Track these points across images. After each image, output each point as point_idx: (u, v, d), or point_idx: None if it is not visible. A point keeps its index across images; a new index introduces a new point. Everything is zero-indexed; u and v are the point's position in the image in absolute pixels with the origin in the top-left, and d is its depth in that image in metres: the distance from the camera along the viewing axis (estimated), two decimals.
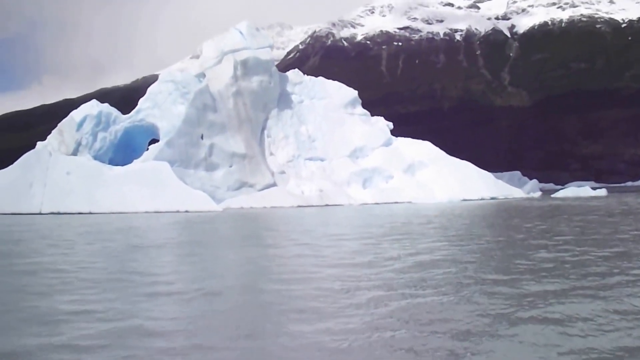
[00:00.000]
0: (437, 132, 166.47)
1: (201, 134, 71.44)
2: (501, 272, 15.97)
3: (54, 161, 64.20)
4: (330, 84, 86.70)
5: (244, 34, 79.84)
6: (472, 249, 21.95)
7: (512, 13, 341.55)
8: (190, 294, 13.77)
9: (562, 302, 11.83)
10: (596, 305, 11.57)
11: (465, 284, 14.20)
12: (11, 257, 22.80)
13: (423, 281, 14.75)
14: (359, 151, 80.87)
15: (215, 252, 23.62)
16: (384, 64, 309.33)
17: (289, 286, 14.34)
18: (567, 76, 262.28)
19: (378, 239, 27.00)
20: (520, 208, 56.02)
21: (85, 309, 12.22)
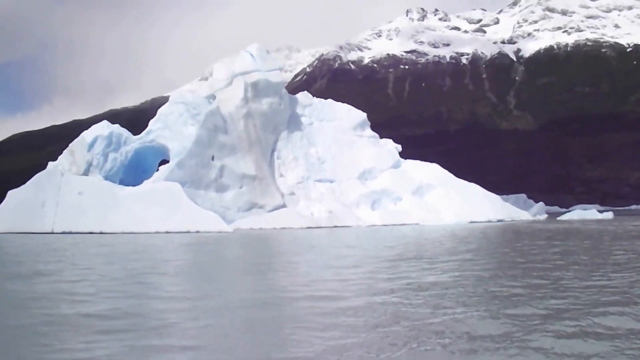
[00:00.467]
0: (443, 154, 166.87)
1: (212, 155, 71.99)
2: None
3: (66, 181, 64.81)
4: (340, 106, 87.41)
5: (255, 56, 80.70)
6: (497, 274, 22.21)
7: (518, 37, 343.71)
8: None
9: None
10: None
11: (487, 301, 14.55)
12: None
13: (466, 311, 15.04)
14: (367, 173, 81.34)
15: (243, 278, 23.26)
16: (391, 87, 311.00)
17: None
18: (572, 100, 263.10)
19: (398, 261, 27.32)
20: (529, 230, 56.25)
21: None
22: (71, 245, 41.97)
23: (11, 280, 21.66)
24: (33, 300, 16.58)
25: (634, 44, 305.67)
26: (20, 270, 25.05)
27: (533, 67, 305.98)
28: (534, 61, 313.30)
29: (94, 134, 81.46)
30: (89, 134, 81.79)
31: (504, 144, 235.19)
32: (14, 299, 16.89)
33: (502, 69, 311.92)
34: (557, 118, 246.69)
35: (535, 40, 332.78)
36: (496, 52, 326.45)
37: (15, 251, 37.93)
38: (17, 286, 19.64)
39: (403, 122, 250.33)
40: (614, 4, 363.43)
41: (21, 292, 18.16)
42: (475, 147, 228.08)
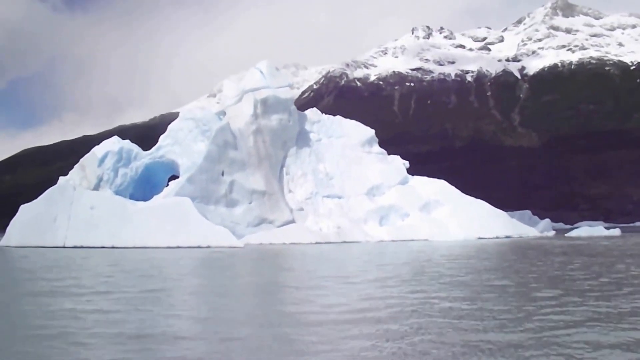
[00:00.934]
0: (448, 171, 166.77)
1: (222, 170, 72.54)
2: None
3: (78, 196, 65.25)
4: (348, 122, 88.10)
5: (264, 73, 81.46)
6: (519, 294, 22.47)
7: (523, 55, 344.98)
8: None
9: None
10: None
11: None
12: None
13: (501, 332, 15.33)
14: (375, 189, 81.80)
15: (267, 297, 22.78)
16: (397, 104, 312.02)
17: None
18: (576, 117, 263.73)
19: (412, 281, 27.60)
20: (541, 247, 56.52)
21: None
22: (85, 259, 42.43)
23: (52, 298, 21.99)
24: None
25: (637, 62, 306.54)
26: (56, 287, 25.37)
27: (537, 85, 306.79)
28: (538, 79, 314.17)
29: (104, 149, 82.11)
30: (100, 149, 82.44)
31: (509, 161, 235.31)
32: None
33: (506, 86, 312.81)
34: (561, 135, 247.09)
35: (540, 58, 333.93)
36: (501, 70, 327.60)
37: (42, 265, 38.35)
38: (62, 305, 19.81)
39: (408, 139, 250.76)
40: (618, 23, 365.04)
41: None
42: (480, 164, 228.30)
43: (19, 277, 29.08)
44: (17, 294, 21.87)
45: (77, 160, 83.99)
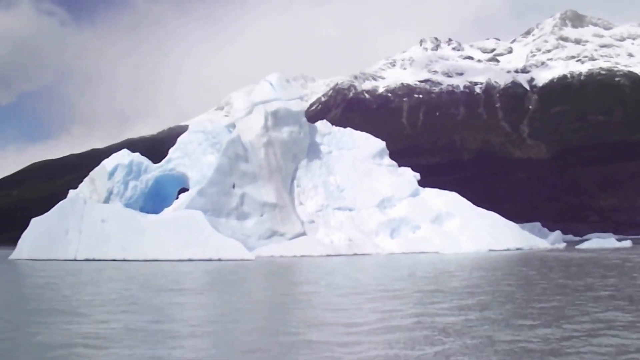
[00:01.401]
0: (456, 183, 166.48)
1: (233, 183, 72.45)
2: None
3: (89, 209, 65.36)
4: (358, 134, 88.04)
5: (274, 85, 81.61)
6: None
7: (532, 66, 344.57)
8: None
9: None
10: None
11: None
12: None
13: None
14: (386, 201, 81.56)
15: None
16: (405, 116, 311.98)
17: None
18: (586, 128, 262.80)
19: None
20: (556, 260, 56.12)
21: None
22: (99, 273, 42.31)
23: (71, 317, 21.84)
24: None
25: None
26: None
27: (546, 96, 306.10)
28: (547, 90, 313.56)
29: (114, 162, 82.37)
30: (110, 162, 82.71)
31: (517, 173, 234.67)
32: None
33: (515, 98, 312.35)
34: (571, 147, 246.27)
35: (549, 70, 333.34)
36: (510, 81, 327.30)
37: (68, 281, 38.22)
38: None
39: (417, 151, 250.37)
40: (628, 33, 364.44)
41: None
42: (489, 176, 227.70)
43: (46, 294, 28.85)
44: (54, 311, 21.71)
45: (86, 173, 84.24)
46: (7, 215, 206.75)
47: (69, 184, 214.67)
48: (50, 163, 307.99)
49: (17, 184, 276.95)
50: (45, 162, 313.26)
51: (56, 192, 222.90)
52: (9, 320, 18.98)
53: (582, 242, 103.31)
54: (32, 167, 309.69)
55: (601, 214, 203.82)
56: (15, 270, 48.91)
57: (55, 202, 70.76)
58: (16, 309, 22.08)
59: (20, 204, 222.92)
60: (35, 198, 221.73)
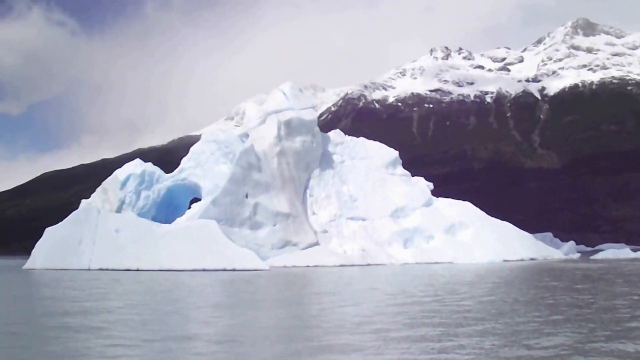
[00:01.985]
0: (467, 193, 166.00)
1: (246, 193, 72.20)
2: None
3: (103, 218, 65.29)
4: (371, 144, 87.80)
5: (287, 94, 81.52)
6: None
7: (543, 75, 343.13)
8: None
9: None
10: None
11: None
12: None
13: None
14: (399, 211, 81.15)
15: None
16: (415, 126, 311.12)
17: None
18: (598, 138, 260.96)
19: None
20: (576, 271, 55.60)
21: None
22: (118, 283, 42.15)
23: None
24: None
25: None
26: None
27: (558, 105, 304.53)
28: (558, 99, 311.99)
29: (126, 172, 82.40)
30: (122, 172, 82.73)
31: (529, 183, 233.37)
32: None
33: (526, 107, 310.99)
34: (582, 156, 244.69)
35: (560, 79, 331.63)
36: (520, 91, 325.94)
37: (87, 292, 38.03)
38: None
39: (427, 161, 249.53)
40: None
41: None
42: (500, 186, 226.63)
43: (69, 306, 28.69)
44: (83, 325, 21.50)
45: (97, 183, 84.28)
46: (18, 225, 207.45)
47: (79, 193, 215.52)
48: (61, 173, 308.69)
49: (28, 194, 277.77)
50: (56, 172, 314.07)
51: (67, 202, 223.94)
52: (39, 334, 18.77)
53: (594, 252, 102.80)
54: (42, 177, 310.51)
55: (613, 224, 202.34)
56: (32, 280, 48.83)
57: (67, 211, 70.78)
58: (38, 322, 21.90)
59: (32, 213, 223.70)
60: (46, 208, 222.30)
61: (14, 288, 39.87)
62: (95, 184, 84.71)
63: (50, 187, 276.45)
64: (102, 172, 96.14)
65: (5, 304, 28.29)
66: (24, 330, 19.20)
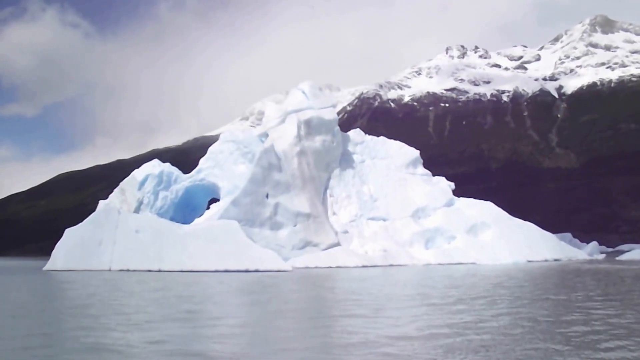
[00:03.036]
0: (484, 193, 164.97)
1: (266, 193, 71.53)
2: None
3: (123, 219, 64.77)
4: (392, 143, 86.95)
5: (307, 93, 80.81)
6: None
7: (560, 74, 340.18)
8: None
9: None
10: None
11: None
12: None
13: None
14: (421, 211, 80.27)
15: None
16: (431, 125, 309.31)
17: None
18: (616, 137, 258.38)
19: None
20: (610, 273, 54.47)
21: None
22: (148, 286, 41.51)
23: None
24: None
25: None
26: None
27: (575, 104, 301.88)
28: (576, 98, 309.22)
29: (145, 172, 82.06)
30: (140, 173, 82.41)
31: (546, 183, 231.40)
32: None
33: (543, 106, 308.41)
34: (601, 156, 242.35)
35: (578, 77, 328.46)
36: (538, 89, 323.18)
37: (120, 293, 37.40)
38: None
39: (444, 160, 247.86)
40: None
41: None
42: (517, 186, 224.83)
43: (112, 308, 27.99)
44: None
45: (112, 184, 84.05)
46: (34, 226, 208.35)
47: (95, 195, 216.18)
48: (76, 174, 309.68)
49: (43, 195, 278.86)
50: (71, 174, 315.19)
51: (82, 203, 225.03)
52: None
53: (616, 253, 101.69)
54: (58, 179, 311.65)
55: (633, 224, 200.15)
56: (57, 282, 48.26)
57: (82, 212, 70.43)
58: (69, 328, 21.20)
59: (47, 215, 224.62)
60: (61, 209, 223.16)
61: (51, 293, 38.29)
62: (110, 185, 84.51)
63: (66, 188, 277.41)
64: (117, 173, 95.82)
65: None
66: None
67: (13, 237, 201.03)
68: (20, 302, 29.93)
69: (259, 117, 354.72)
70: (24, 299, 32.05)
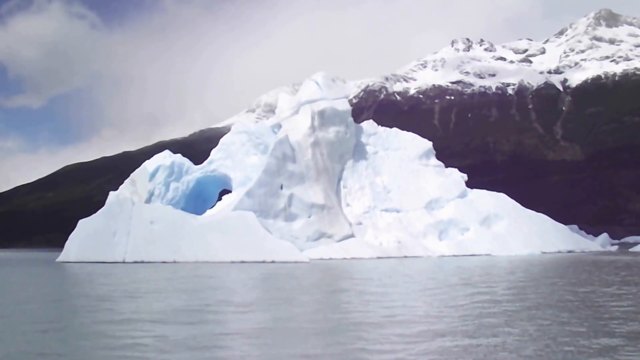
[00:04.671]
0: (489, 185, 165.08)
1: (281, 184, 71.06)
2: None
3: (138, 210, 64.28)
4: (405, 135, 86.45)
5: (320, 84, 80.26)
6: None
7: (565, 67, 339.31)
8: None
9: None
10: None
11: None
12: None
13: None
14: (434, 203, 79.79)
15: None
16: (437, 118, 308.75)
17: None
18: (621, 130, 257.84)
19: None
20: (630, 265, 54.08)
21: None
22: (178, 277, 41.12)
23: None
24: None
25: None
26: None
27: (580, 97, 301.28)
28: (581, 91, 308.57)
29: (156, 163, 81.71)
30: (151, 164, 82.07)
31: (551, 175, 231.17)
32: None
33: (548, 99, 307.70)
34: (605, 148, 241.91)
35: (583, 70, 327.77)
36: (542, 82, 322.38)
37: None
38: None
39: (449, 153, 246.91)
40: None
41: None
42: (522, 178, 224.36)
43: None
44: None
45: (119, 176, 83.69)
46: (41, 218, 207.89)
47: (101, 186, 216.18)
48: (83, 166, 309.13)
49: (50, 186, 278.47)
50: (78, 165, 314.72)
51: (90, 194, 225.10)
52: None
53: (623, 245, 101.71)
54: (64, 170, 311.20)
55: (637, 217, 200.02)
56: (80, 275, 47.91)
57: (90, 204, 69.90)
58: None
59: (55, 206, 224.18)
60: (69, 201, 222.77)
61: (76, 288, 37.46)
62: (117, 177, 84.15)
63: (72, 180, 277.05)
64: (124, 165, 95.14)
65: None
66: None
67: (20, 228, 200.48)
68: (69, 296, 28.82)
69: (265, 109, 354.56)
70: (68, 290, 31.20)
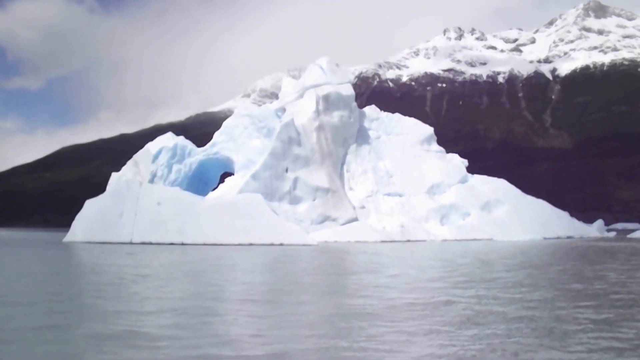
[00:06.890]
0: (479, 172, 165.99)
1: (286, 167, 71.36)
2: None
3: (145, 191, 64.12)
4: (407, 120, 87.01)
5: (325, 69, 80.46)
6: None
7: (554, 57, 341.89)
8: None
9: None
10: None
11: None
12: None
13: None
14: (435, 187, 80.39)
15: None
16: (429, 105, 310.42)
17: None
18: (609, 119, 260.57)
19: None
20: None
21: None
22: (196, 259, 41.34)
23: None
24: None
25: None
26: None
27: (569, 86, 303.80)
28: (570, 80, 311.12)
29: (158, 145, 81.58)
30: (154, 145, 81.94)
31: (540, 162, 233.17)
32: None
33: (538, 88, 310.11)
34: (593, 137, 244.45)
35: (572, 60, 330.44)
36: (532, 71, 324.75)
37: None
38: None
39: (440, 140, 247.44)
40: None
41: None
42: (512, 165, 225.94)
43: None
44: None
45: (116, 158, 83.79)
46: (39, 198, 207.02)
47: (99, 168, 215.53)
48: (81, 147, 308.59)
49: (48, 167, 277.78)
50: (76, 147, 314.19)
51: (87, 175, 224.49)
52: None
53: (612, 231, 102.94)
54: (62, 151, 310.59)
55: (625, 204, 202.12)
56: (94, 256, 48.01)
57: (87, 185, 69.87)
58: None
59: (53, 186, 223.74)
60: (67, 181, 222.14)
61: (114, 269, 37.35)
62: (114, 159, 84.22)
63: (70, 161, 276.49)
64: (121, 147, 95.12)
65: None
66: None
67: (18, 208, 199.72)
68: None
69: (260, 94, 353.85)
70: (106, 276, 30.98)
